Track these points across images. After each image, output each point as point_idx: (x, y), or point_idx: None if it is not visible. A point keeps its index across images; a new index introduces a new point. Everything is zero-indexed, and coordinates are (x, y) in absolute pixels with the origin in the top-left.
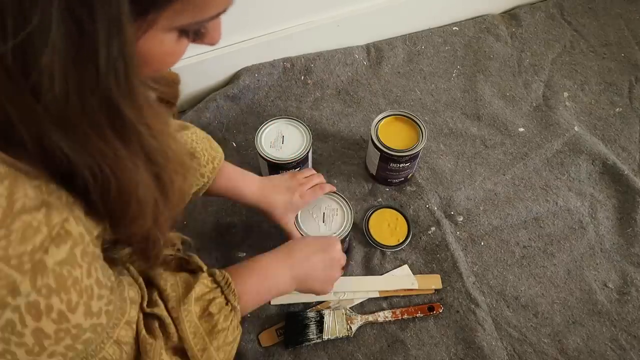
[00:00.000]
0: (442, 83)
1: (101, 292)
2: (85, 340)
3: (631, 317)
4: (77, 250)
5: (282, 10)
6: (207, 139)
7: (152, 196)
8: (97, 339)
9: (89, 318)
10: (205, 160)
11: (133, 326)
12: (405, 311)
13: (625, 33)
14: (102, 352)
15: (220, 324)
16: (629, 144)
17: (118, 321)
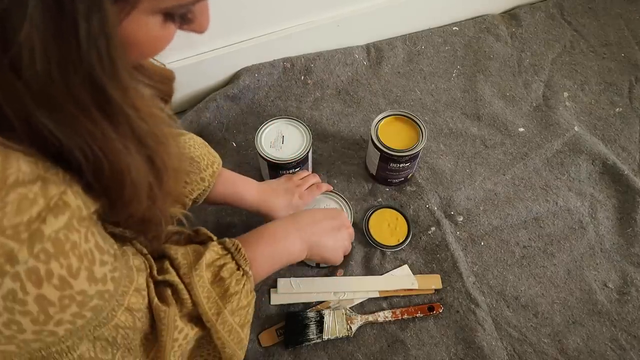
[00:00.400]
0: (442, 83)
1: (103, 257)
2: (93, 307)
3: (631, 317)
4: (75, 219)
5: (282, 10)
6: (204, 145)
7: (145, 179)
8: (106, 306)
9: (94, 284)
10: (205, 164)
11: (143, 293)
12: (405, 311)
13: (625, 33)
14: (114, 320)
15: (232, 287)
16: (629, 144)
17: (127, 288)
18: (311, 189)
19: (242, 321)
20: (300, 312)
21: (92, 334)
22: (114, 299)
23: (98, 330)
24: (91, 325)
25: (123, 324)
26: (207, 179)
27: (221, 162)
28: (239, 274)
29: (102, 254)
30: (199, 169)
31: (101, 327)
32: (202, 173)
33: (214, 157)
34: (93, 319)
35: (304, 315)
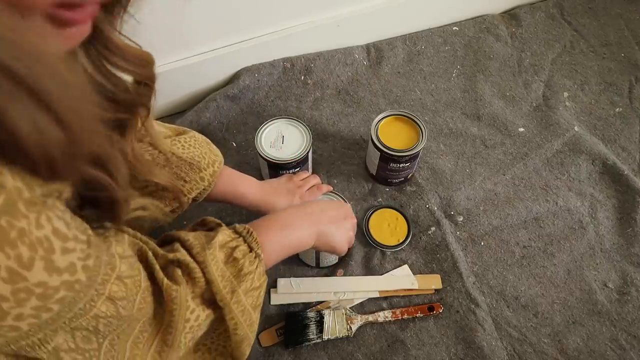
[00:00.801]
0: (442, 83)
1: (67, 245)
2: (61, 299)
3: (631, 317)
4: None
5: (282, 10)
6: (206, 142)
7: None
8: (80, 297)
9: (56, 274)
10: (206, 163)
11: (126, 281)
12: (405, 311)
13: (625, 33)
14: (93, 310)
15: (246, 267)
16: (629, 144)
17: (108, 277)
18: (312, 190)
19: (255, 303)
20: (300, 312)
21: (69, 325)
22: (91, 289)
23: (75, 322)
24: (65, 317)
25: (104, 314)
26: (207, 179)
27: (223, 160)
28: (252, 256)
29: (65, 240)
30: (198, 168)
31: (78, 318)
32: (202, 172)
33: (215, 156)
34: (65, 311)
35: (304, 315)
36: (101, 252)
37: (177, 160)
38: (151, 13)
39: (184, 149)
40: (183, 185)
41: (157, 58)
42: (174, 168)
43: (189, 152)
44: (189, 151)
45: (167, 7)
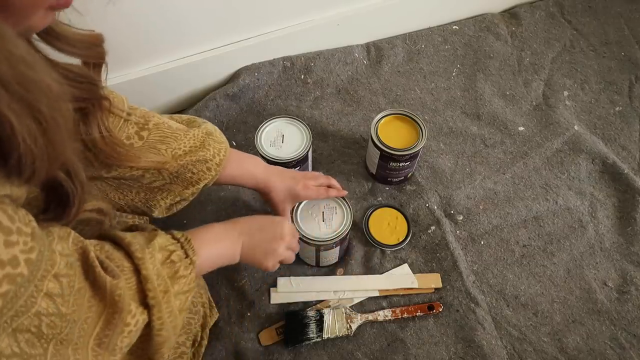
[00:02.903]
0: (442, 82)
1: (10, 238)
2: (4, 294)
3: (631, 316)
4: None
5: (282, 9)
6: (210, 133)
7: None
8: (22, 292)
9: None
10: (211, 155)
11: (62, 280)
12: (405, 310)
13: (625, 32)
14: (34, 307)
15: (181, 271)
16: (628, 143)
17: (46, 273)
18: (319, 188)
19: (182, 306)
20: (300, 311)
21: (10, 325)
22: (32, 284)
23: (16, 321)
24: (6, 315)
25: (45, 311)
26: (214, 168)
27: (228, 147)
28: (187, 262)
29: (8, 234)
30: (204, 159)
31: (19, 316)
32: (208, 163)
33: (220, 144)
34: (7, 307)
35: (303, 314)
36: (44, 246)
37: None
38: (151, 12)
39: (187, 146)
40: (191, 177)
41: (157, 57)
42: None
43: (194, 153)
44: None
45: (167, 6)
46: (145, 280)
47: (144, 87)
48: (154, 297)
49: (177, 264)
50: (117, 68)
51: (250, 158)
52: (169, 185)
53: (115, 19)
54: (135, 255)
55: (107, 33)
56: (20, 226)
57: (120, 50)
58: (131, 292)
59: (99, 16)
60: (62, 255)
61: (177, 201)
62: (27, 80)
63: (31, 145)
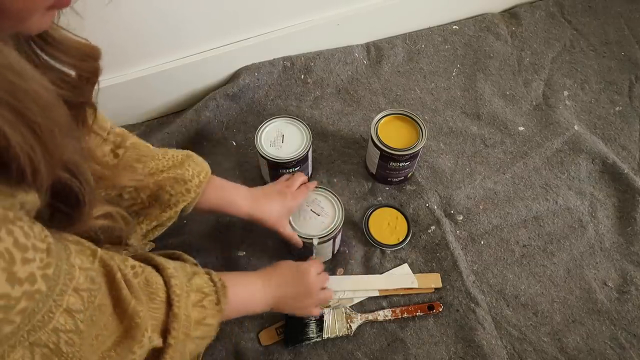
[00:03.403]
0: (442, 82)
1: (26, 255)
2: (22, 310)
3: (631, 315)
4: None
5: (282, 9)
6: (187, 156)
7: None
8: (40, 308)
9: (18, 285)
10: (190, 175)
11: (82, 294)
12: (405, 310)
13: (625, 32)
14: (51, 323)
15: (208, 319)
16: (629, 143)
17: (66, 287)
18: (301, 189)
19: (195, 350)
20: None
21: (27, 339)
22: (49, 299)
23: (34, 335)
24: (23, 330)
25: (63, 327)
26: (193, 189)
27: (209, 171)
28: (216, 310)
29: (25, 251)
30: (183, 180)
31: (37, 331)
32: (187, 184)
33: (201, 166)
34: (24, 323)
35: None
36: (61, 260)
37: (160, 175)
38: (151, 12)
39: (165, 166)
40: (169, 199)
41: (157, 57)
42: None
43: (172, 170)
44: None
45: (167, 6)
46: (174, 318)
47: (144, 87)
48: (176, 337)
49: (207, 310)
50: (117, 68)
51: (233, 187)
52: (147, 209)
53: (115, 19)
54: (174, 290)
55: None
56: (35, 242)
57: (120, 50)
58: (155, 322)
59: (98, 16)
60: (82, 269)
61: (154, 227)
62: (16, 89)
63: (29, 154)
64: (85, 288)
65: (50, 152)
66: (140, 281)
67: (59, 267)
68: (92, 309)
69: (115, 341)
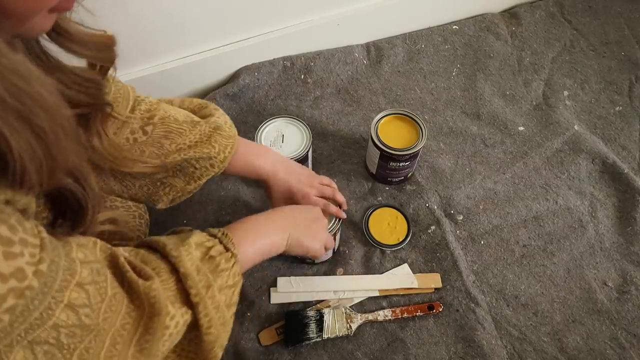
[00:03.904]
0: (442, 82)
1: (12, 249)
2: (11, 308)
3: (631, 315)
4: None
5: (282, 9)
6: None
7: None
8: (35, 305)
9: (1, 282)
10: (216, 152)
11: (87, 288)
12: (405, 310)
13: (626, 32)
14: (51, 319)
15: (222, 264)
16: (629, 143)
17: (67, 283)
18: (318, 200)
19: (229, 301)
20: (300, 311)
21: (25, 338)
22: (47, 296)
23: (32, 334)
24: (19, 329)
25: (64, 323)
26: (218, 165)
27: (236, 142)
28: (228, 255)
29: (10, 245)
30: (209, 156)
31: (35, 329)
32: (212, 159)
33: (227, 139)
34: (18, 322)
35: (303, 314)
36: (59, 256)
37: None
38: (151, 12)
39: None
40: (193, 172)
41: (157, 57)
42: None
43: (199, 147)
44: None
45: (167, 6)
46: (184, 277)
47: (144, 87)
48: (197, 293)
49: (217, 258)
50: (117, 68)
51: (258, 152)
52: (171, 178)
53: (114, 19)
54: (171, 254)
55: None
56: (25, 237)
57: (120, 50)
58: (171, 293)
59: (99, 16)
60: (84, 263)
61: (179, 196)
62: (21, 93)
63: (29, 159)
64: (89, 281)
65: (54, 157)
66: (137, 262)
67: (56, 263)
68: (107, 300)
69: (144, 326)
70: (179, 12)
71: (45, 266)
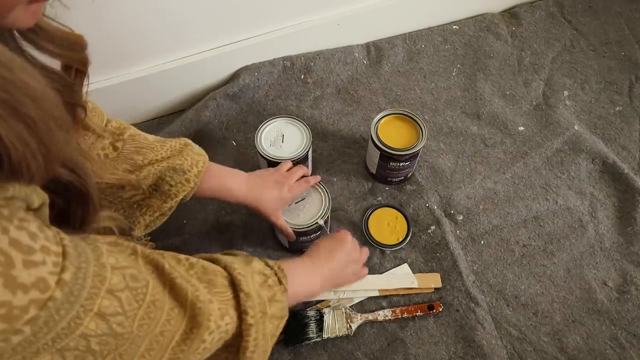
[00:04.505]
0: (442, 82)
1: (32, 258)
2: (32, 319)
3: (631, 315)
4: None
5: (282, 9)
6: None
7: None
8: (62, 315)
9: (21, 292)
10: (189, 165)
11: (119, 295)
12: (405, 310)
13: (626, 32)
14: (79, 329)
15: (278, 296)
16: (629, 143)
17: (97, 290)
18: (300, 182)
19: (274, 332)
20: (300, 311)
21: (53, 346)
22: (75, 305)
23: (60, 343)
24: (44, 339)
25: (94, 332)
26: (192, 179)
27: (207, 158)
28: (282, 288)
29: (29, 253)
30: (182, 170)
31: (63, 338)
32: (187, 174)
33: (198, 155)
34: (43, 332)
35: (303, 314)
36: (86, 262)
37: (159, 164)
38: (151, 12)
39: (164, 155)
40: (169, 189)
41: (157, 57)
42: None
43: (171, 160)
44: (171, 159)
45: (167, 6)
46: (247, 297)
47: (144, 87)
48: (254, 316)
49: (274, 287)
50: (117, 68)
51: (231, 174)
52: (148, 200)
53: (115, 18)
54: (238, 271)
55: (107, 33)
56: (46, 244)
57: (120, 50)
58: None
59: (99, 16)
60: (116, 269)
61: (156, 217)
62: (6, 82)
63: (22, 149)
64: (122, 288)
65: (47, 146)
66: (198, 270)
67: (82, 270)
68: (144, 307)
69: (183, 333)
70: (179, 12)
71: (69, 275)
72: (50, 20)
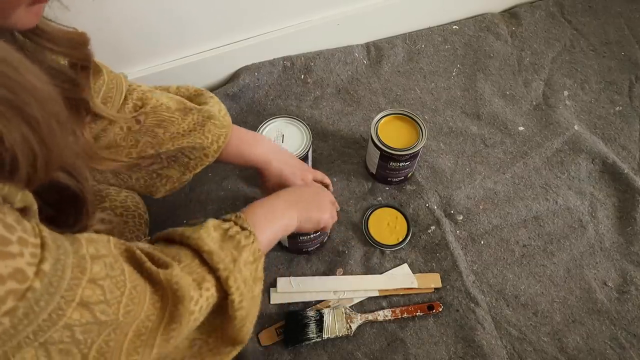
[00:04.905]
0: (442, 82)
1: (9, 249)
2: (10, 311)
3: (631, 315)
4: None
5: (282, 9)
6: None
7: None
8: (42, 306)
9: (0, 284)
10: (209, 142)
11: (101, 283)
12: (405, 310)
13: (626, 32)
14: (62, 320)
15: (243, 241)
16: (629, 143)
17: (77, 281)
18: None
19: (254, 275)
20: (300, 311)
21: (35, 340)
22: (55, 296)
23: (43, 335)
24: (24, 331)
25: (78, 322)
26: (211, 154)
27: (229, 131)
28: (246, 233)
29: (5, 244)
30: (202, 147)
31: (45, 331)
32: (206, 150)
33: (220, 129)
34: (23, 324)
35: (303, 315)
36: (65, 254)
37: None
38: (151, 12)
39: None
40: (187, 162)
41: (157, 57)
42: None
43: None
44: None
45: (167, 6)
46: (210, 254)
47: None
48: (225, 267)
49: (236, 236)
50: (117, 68)
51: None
52: (166, 169)
53: (115, 18)
54: (192, 237)
55: (107, 33)
56: (23, 236)
57: (120, 50)
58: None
59: (99, 16)
60: (96, 258)
61: (175, 186)
62: (11, 82)
63: (23, 150)
64: (103, 276)
65: (49, 147)
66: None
67: (61, 262)
68: (127, 293)
69: (170, 314)
70: (179, 12)
71: (47, 265)
72: (49, 21)
